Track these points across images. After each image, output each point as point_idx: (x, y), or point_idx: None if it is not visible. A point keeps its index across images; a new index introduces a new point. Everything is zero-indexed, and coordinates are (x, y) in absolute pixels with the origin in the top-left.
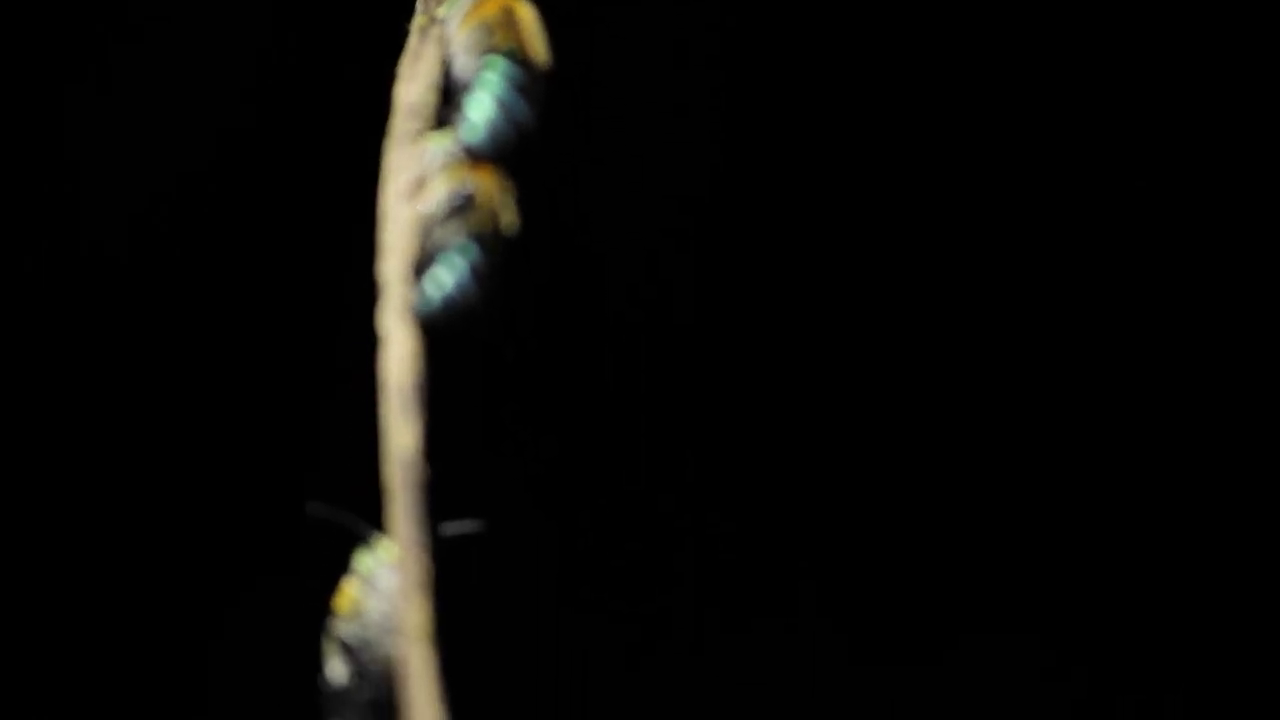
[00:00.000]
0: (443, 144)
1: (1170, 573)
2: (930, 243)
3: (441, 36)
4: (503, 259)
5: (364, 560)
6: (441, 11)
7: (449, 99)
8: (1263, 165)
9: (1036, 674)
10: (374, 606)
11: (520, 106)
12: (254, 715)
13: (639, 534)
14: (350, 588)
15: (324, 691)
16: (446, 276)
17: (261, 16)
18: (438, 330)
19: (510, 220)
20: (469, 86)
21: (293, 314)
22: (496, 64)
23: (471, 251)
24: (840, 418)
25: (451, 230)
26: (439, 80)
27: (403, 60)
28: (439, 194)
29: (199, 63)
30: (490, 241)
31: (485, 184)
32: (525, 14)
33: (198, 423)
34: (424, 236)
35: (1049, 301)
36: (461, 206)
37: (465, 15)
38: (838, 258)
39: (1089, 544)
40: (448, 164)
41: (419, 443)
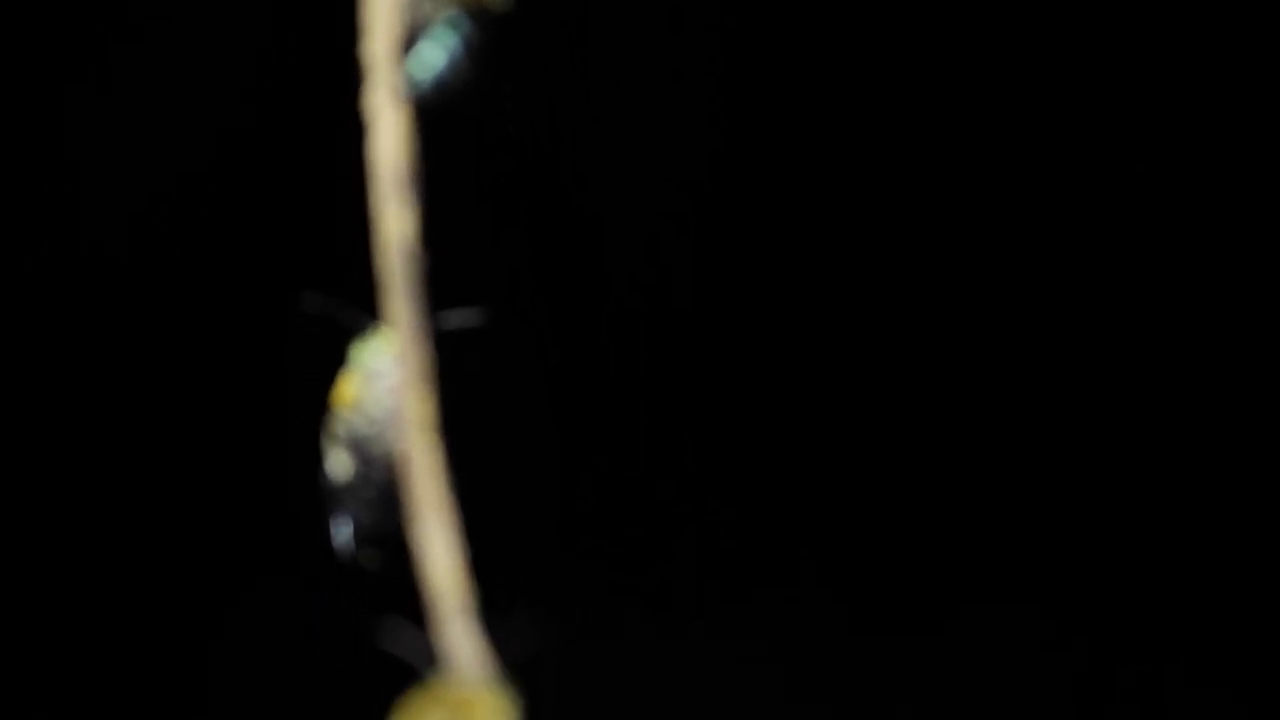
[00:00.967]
0: None
1: (1170, 544)
2: (924, 225)
3: None
4: (493, 33)
5: (363, 352)
6: None
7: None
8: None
9: (1037, 645)
10: (375, 399)
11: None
12: (253, 715)
13: (639, 511)
14: (350, 381)
15: (327, 487)
16: (435, 53)
17: (261, 16)
18: (429, 110)
19: None
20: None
21: (292, 314)
22: (450, 17)
23: (461, 26)
24: (840, 392)
25: (439, 4)
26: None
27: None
28: None
29: (199, 63)
30: (480, 15)
31: None
32: None
33: (198, 422)
34: (410, 12)
35: (1041, 280)
36: None
37: None
38: (834, 238)
39: (1089, 515)
40: None
41: (415, 229)
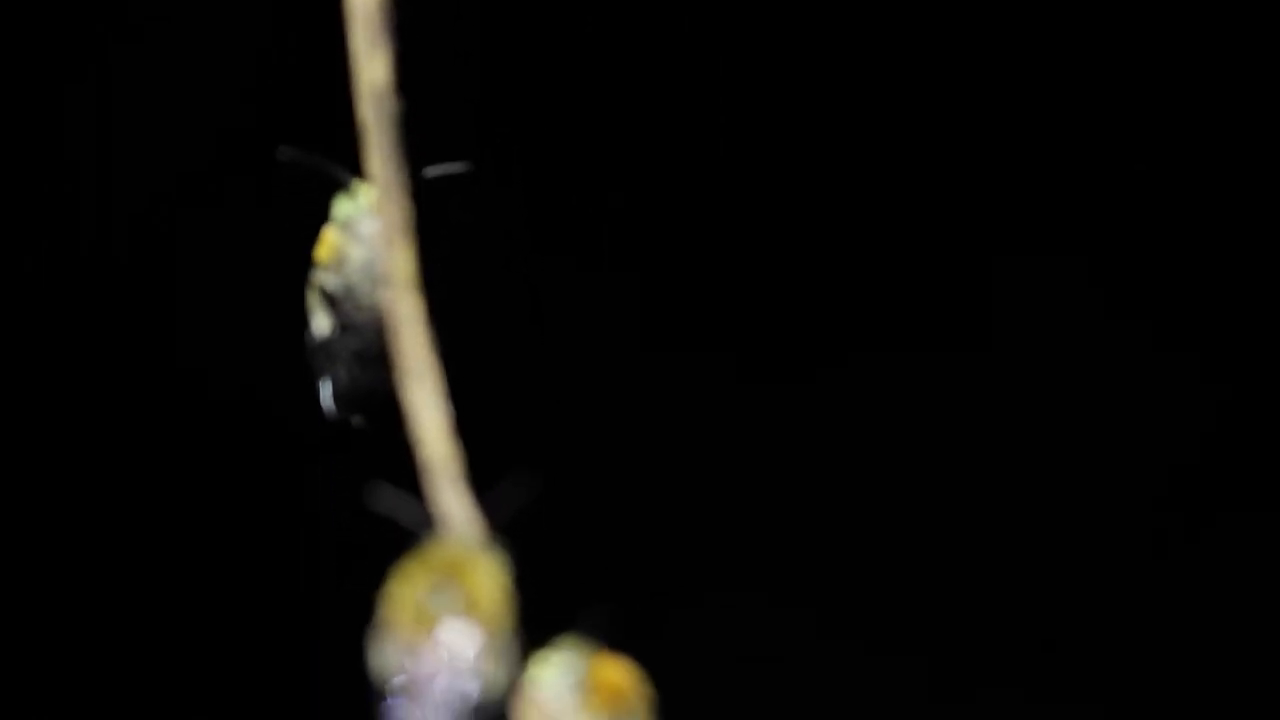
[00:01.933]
0: None
1: None
2: None
3: None
4: None
5: (342, 206)
6: None
7: None
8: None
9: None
10: (356, 254)
11: None
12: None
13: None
14: (330, 235)
15: (309, 345)
16: None
17: (261, 16)
18: None
19: None
20: None
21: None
22: None
23: None
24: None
25: None
26: None
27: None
28: None
29: (199, 63)
30: None
31: None
32: None
33: (197, 422)
34: None
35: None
36: None
37: None
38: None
39: None
40: None
41: (391, 75)
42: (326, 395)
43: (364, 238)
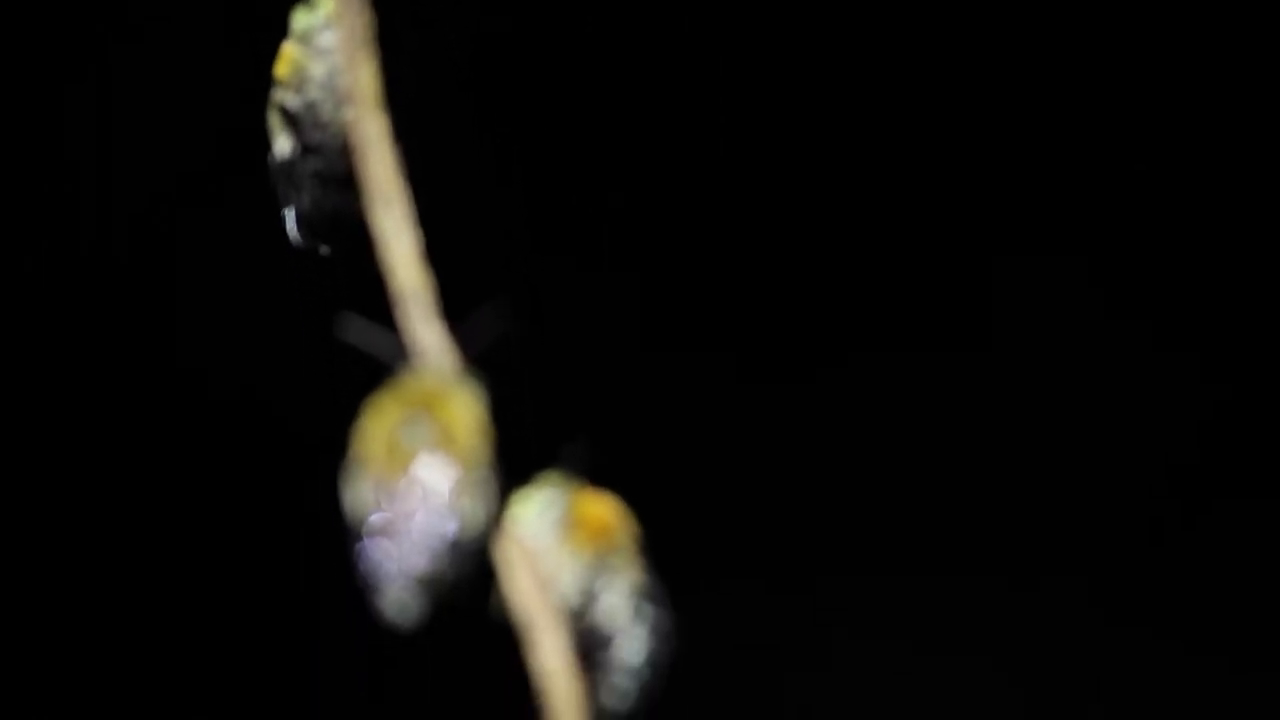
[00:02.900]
0: None
1: None
2: None
3: None
4: None
5: (301, 18)
6: None
7: None
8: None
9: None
10: (316, 69)
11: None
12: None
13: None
14: (289, 51)
15: (271, 167)
16: None
17: (261, 16)
18: None
19: None
20: None
21: (292, 314)
22: None
23: None
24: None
25: None
26: None
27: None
28: None
29: (199, 62)
30: None
31: None
32: None
33: (196, 424)
34: None
35: None
36: None
37: None
38: None
39: None
40: None
41: None
42: (291, 222)
43: (324, 52)
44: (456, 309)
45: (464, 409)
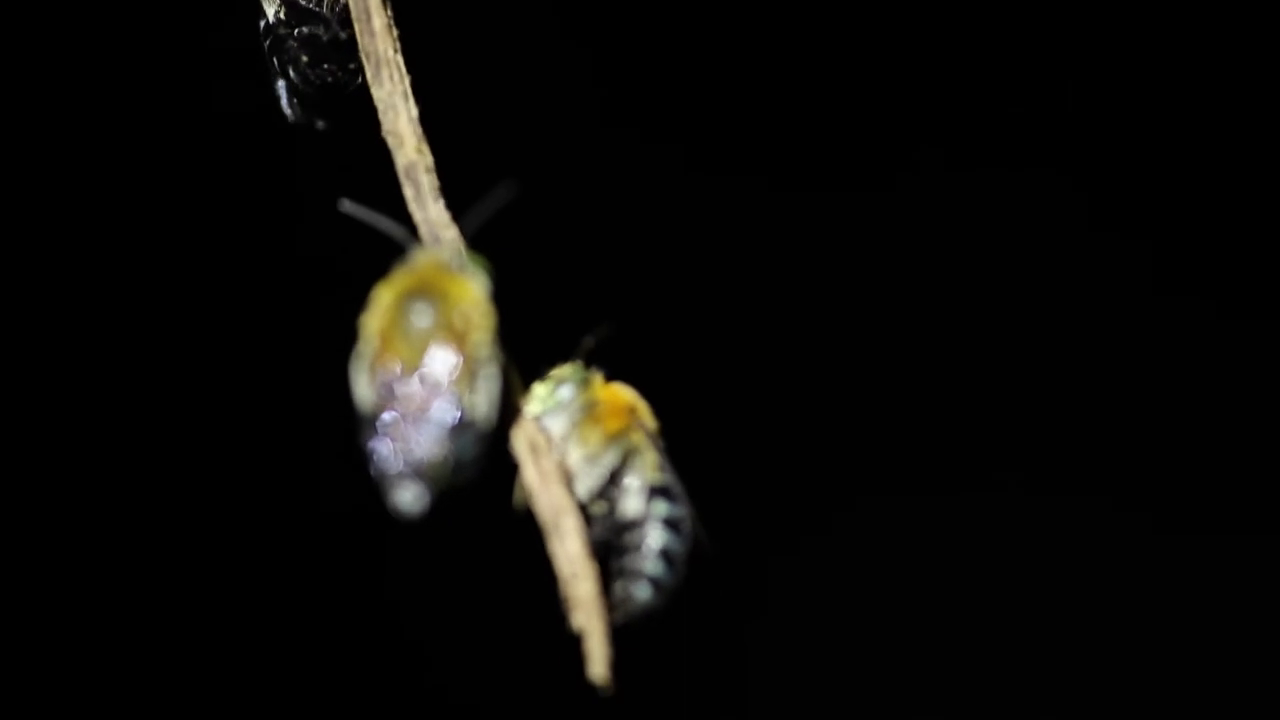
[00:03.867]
0: None
1: None
2: None
3: None
4: None
5: None
6: None
7: None
8: None
9: None
10: None
11: None
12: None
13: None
14: None
15: (263, 38)
16: None
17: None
18: None
19: None
20: None
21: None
22: None
23: None
24: None
25: None
26: None
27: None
28: None
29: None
30: None
31: None
32: None
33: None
34: None
35: None
36: None
37: None
38: None
39: None
40: None
41: None
42: (283, 97)
43: None
44: (461, 186)
45: (468, 293)
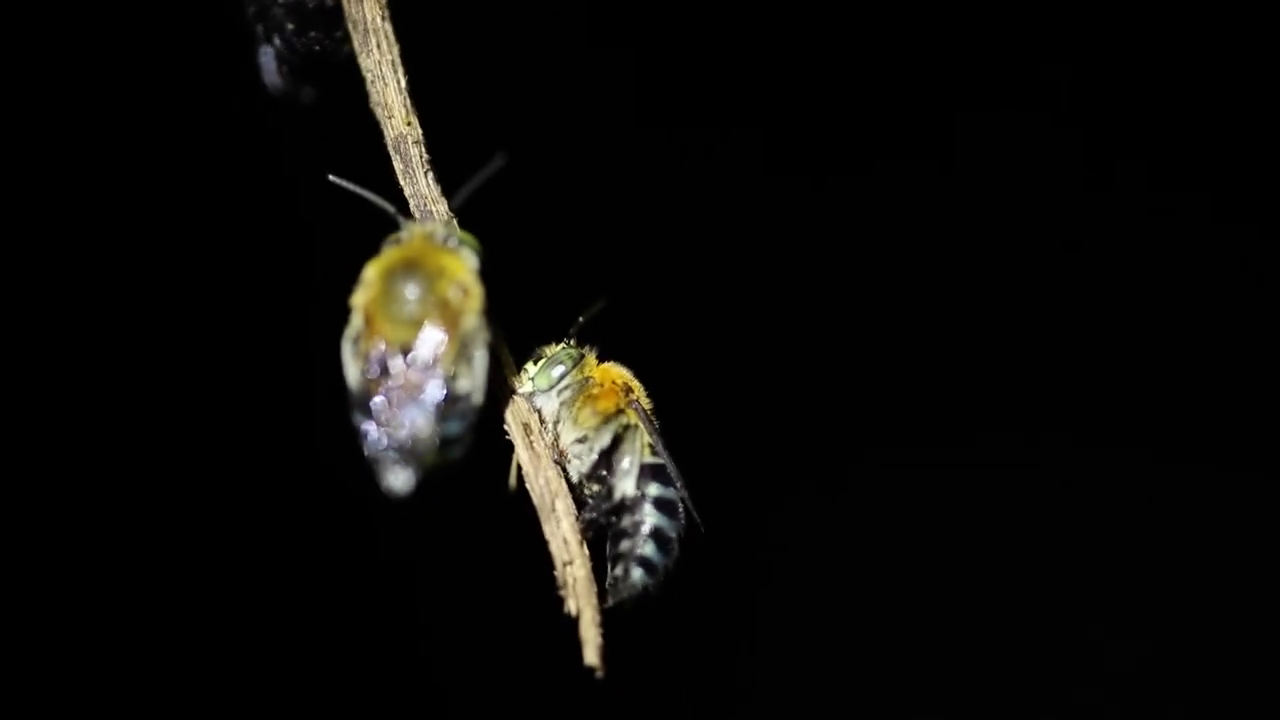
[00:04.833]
0: None
1: None
2: None
3: None
4: None
5: None
6: None
7: None
8: None
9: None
10: None
11: None
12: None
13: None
14: None
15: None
16: None
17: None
18: None
19: None
20: None
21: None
22: None
23: None
24: None
25: None
26: None
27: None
28: None
29: (198, 62)
30: None
31: None
32: None
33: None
34: None
35: None
36: None
37: None
38: None
39: None
40: None
41: None
42: (267, 66)
43: None
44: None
45: (458, 269)
